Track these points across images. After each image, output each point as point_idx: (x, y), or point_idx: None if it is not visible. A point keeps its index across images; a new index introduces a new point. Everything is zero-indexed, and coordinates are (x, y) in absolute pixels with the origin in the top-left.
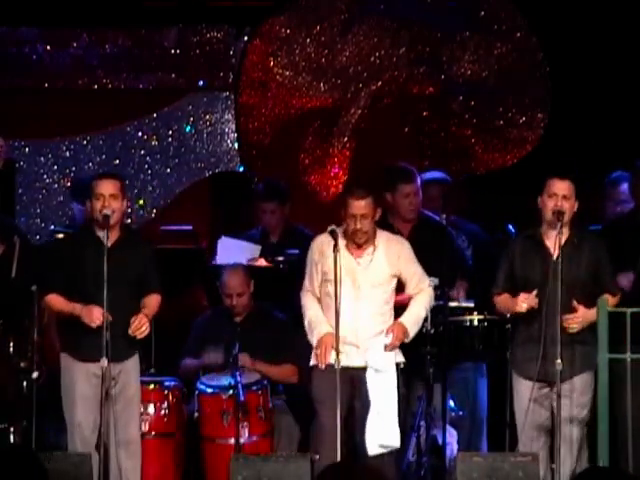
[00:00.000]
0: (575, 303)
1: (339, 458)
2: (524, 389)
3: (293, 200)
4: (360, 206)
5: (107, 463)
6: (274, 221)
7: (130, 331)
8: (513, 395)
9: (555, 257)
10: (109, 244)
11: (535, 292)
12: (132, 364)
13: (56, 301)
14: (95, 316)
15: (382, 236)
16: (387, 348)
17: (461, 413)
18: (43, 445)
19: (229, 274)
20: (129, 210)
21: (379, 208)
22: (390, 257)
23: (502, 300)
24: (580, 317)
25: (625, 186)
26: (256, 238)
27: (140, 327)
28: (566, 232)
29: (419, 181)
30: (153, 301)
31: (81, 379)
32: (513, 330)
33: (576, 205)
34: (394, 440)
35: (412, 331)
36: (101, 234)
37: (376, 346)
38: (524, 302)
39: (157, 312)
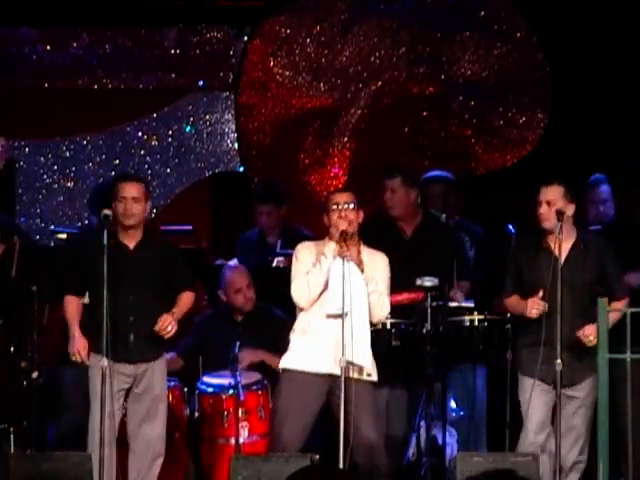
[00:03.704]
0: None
1: (342, 462)
2: (528, 387)
3: (293, 200)
4: (342, 196)
5: (109, 462)
6: (271, 222)
7: (156, 330)
8: (518, 392)
9: (562, 261)
10: (131, 246)
11: (541, 294)
12: (158, 364)
13: (68, 307)
14: (73, 351)
15: (365, 249)
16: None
17: (462, 413)
18: (43, 445)
19: (232, 271)
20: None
21: (361, 211)
22: (368, 266)
23: (512, 302)
24: (591, 332)
25: (605, 187)
26: (253, 239)
27: (165, 327)
28: (572, 235)
29: (399, 178)
30: (183, 299)
31: (98, 379)
32: (519, 332)
33: (570, 208)
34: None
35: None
36: (122, 236)
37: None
38: (533, 309)
39: (191, 309)
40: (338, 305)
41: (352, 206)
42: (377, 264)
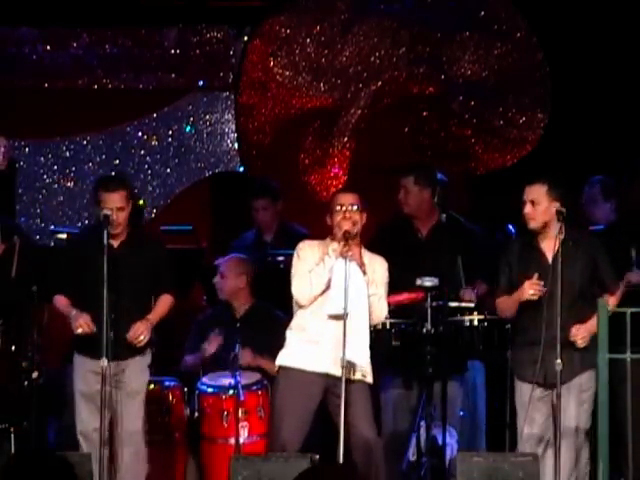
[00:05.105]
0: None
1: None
2: (525, 392)
3: (292, 200)
4: (347, 197)
5: (112, 461)
6: (267, 218)
7: (128, 338)
8: (515, 397)
9: (551, 261)
10: (114, 245)
11: (536, 275)
12: (136, 362)
13: (60, 303)
14: (78, 323)
15: (366, 253)
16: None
17: (462, 413)
18: (43, 445)
19: (227, 262)
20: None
21: (365, 212)
22: (368, 269)
23: (502, 301)
24: (584, 331)
25: (592, 189)
26: (251, 239)
27: (137, 336)
28: (561, 235)
29: (412, 177)
30: (161, 303)
31: (80, 376)
32: (513, 333)
33: (554, 207)
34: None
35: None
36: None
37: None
38: (531, 289)
39: (168, 313)
40: (339, 305)
41: (356, 207)
42: (377, 268)
